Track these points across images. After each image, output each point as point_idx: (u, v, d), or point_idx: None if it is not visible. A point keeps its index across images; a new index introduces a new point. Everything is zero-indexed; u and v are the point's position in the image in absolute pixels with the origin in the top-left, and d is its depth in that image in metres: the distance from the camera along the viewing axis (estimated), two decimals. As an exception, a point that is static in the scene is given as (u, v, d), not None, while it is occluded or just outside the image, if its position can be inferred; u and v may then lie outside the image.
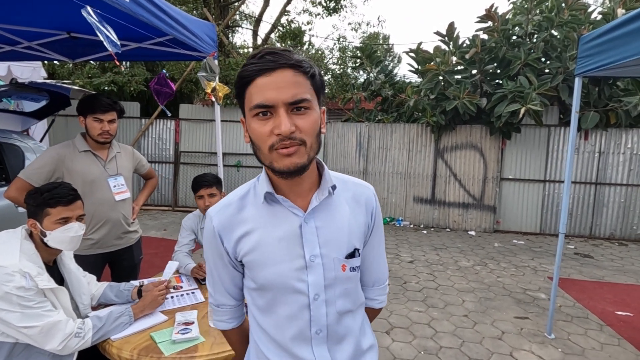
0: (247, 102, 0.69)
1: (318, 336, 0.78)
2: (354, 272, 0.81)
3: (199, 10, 10.90)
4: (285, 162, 0.67)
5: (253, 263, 0.77)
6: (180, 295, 1.80)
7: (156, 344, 1.37)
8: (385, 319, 3.06)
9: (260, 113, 0.67)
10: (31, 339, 1.23)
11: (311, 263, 0.76)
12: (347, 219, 0.81)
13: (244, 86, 0.69)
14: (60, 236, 1.36)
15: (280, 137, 0.65)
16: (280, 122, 0.65)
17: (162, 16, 1.92)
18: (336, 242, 0.78)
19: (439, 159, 6.52)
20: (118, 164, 2.11)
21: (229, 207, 0.80)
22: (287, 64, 0.66)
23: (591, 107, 5.55)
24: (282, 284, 0.76)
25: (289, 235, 0.76)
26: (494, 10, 5.84)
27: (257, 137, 0.69)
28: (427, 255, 4.91)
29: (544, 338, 2.82)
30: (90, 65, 7.79)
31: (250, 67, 0.67)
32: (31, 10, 2.18)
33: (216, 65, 2.61)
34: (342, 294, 0.80)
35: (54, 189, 1.37)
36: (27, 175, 1.85)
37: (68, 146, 1.98)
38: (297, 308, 0.77)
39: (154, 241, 5.18)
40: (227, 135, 7.17)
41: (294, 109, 0.67)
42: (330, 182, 0.78)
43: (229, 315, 0.89)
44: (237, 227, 0.78)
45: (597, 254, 5.15)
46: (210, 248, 0.82)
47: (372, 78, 7.45)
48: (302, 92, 0.67)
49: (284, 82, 0.65)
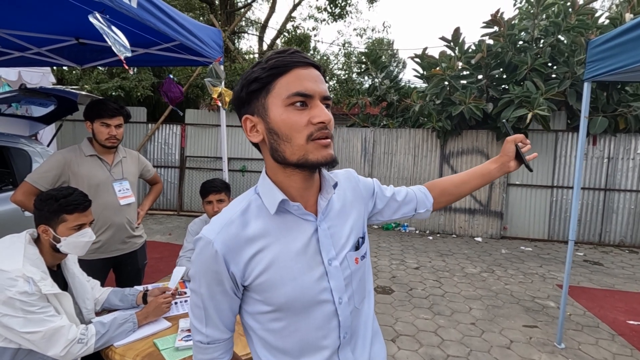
0: (275, 92, 0.66)
1: (345, 340, 0.76)
2: (364, 260, 0.82)
3: (205, 16, 11.02)
4: (323, 153, 0.66)
5: (267, 284, 0.70)
6: (185, 301, 1.78)
7: (159, 350, 1.35)
8: (391, 327, 3.02)
9: (298, 102, 0.65)
10: (34, 345, 1.22)
11: (330, 267, 0.74)
12: (349, 210, 0.82)
13: (275, 76, 0.66)
14: (75, 241, 1.38)
15: (321, 125, 0.65)
16: (321, 110, 0.66)
17: (169, 22, 1.94)
18: (345, 238, 0.78)
19: (445, 164, 6.48)
20: (124, 169, 2.12)
21: (231, 225, 0.70)
22: (314, 64, 0.69)
23: (600, 112, 5.49)
24: (304, 299, 0.70)
25: (303, 245, 0.72)
26: (499, 16, 5.82)
27: (289, 127, 0.65)
28: (433, 261, 4.86)
29: (553, 348, 2.76)
30: (98, 71, 7.90)
31: (285, 59, 0.66)
32: (40, 16, 2.22)
33: (222, 70, 2.62)
34: (358, 285, 0.79)
35: (69, 195, 1.38)
36: (34, 179, 1.87)
37: (74, 150, 2.00)
38: (323, 318, 0.73)
39: (158, 246, 5.18)
40: (232, 140, 7.20)
41: (324, 105, 0.68)
42: (332, 180, 0.76)
43: (222, 350, 0.78)
44: (246, 247, 0.70)
45: (607, 262, 5.05)
46: (207, 277, 0.70)
47: (377, 83, 7.45)
48: (327, 91, 0.70)
49: (318, 77, 0.68)
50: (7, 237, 1.35)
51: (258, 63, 0.68)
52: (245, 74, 0.69)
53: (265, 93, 0.67)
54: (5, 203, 2.64)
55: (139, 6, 1.66)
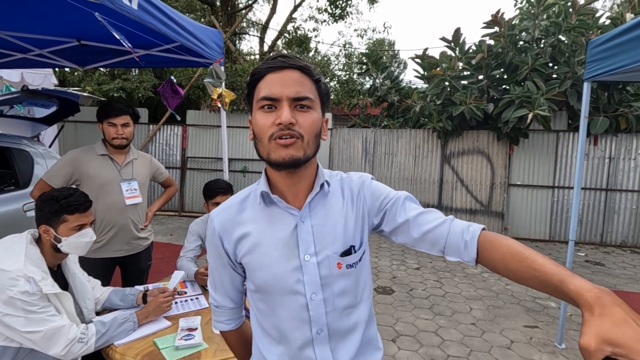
0: (254, 97, 0.74)
1: (319, 336, 0.77)
2: (351, 269, 0.79)
3: (206, 17, 11.05)
4: (281, 153, 0.70)
5: (251, 265, 0.79)
6: (184, 301, 1.79)
7: (159, 350, 1.36)
8: (391, 327, 3.02)
9: (265, 106, 0.71)
10: (34, 344, 1.23)
11: (305, 262, 0.76)
12: (343, 216, 0.80)
13: (254, 82, 0.74)
14: (76, 242, 1.39)
15: (280, 126, 0.68)
16: (282, 112, 0.69)
17: (170, 23, 1.95)
18: (331, 241, 0.78)
19: (446, 164, 6.47)
20: (134, 170, 2.15)
21: (230, 209, 0.82)
22: (295, 65, 0.72)
23: (601, 112, 5.48)
24: (279, 285, 0.77)
25: (285, 236, 0.77)
26: (500, 16, 5.82)
27: (259, 129, 0.72)
28: (433, 262, 4.86)
29: (554, 348, 2.76)
30: (99, 72, 7.93)
31: (262, 66, 0.73)
32: (42, 18, 2.23)
33: (223, 71, 2.63)
34: (340, 291, 0.78)
35: (70, 196, 1.40)
36: (48, 177, 1.97)
37: (87, 150, 2.07)
38: (295, 309, 0.77)
39: (160, 246, 5.20)
40: (233, 141, 7.21)
41: (297, 106, 0.71)
42: (323, 178, 0.79)
43: (227, 316, 0.90)
44: (236, 229, 0.80)
45: (609, 262, 5.04)
46: (212, 249, 0.84)
47: (378, 84, 7.46)
48: (305, 90, 0.71)
49: (291, 79, 0.71)
50: (8, 237, 1.36)
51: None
52: None
53: (251, 98, 0.76)
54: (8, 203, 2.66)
55: (139, 8, 1.67)
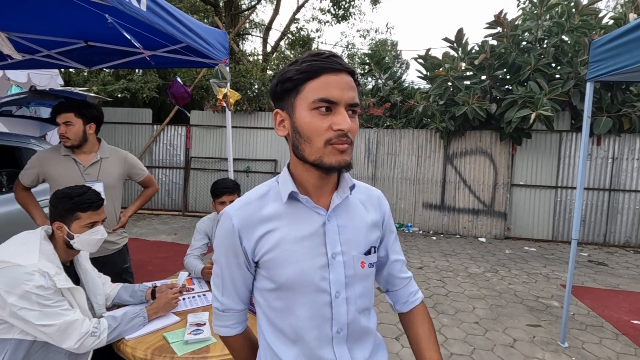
0: (303, 95, 0.71)
1: (339, 335, 0.78)
2: (371, 269, 0.84)
3: (210, 18, 11.10)
4: (337, 158, 0.71)
5: (275, 261, 0.76)
6: (192, 297, 1.82)
7: (169, 344, 1.39)
8: (394, 325, 3.04)
9: (322, 107, 0.69)
10: (49, 337, 1.26)
11: (333, 261, 0.77)
12: (364, 219, 0.84)
13: (305, 79, 0.70)
14: (88, 239, 1.43)
15: (341, 132, 0.69)
16: (343, 118, 0.69)
17: (177, 24, 1.98)
18: (356, 240, 0.81)
19: (449, 164, 6.49)
20: (101, 170, 2.04)
21: (249, 205, 0.79)
22: (349, 70, 0.71)
23: (604, 112, 5.48)
24: (304, 282, 0.76)
25: (312, 234, 0.77)
26: (503, 16, 5.83)
27: (311, 130, 0.70)
28: (436, 261, 4.87)
29: (557, 346, 2.77)
30: (104, 73, 7.99)
31: (318, 63, 0.69)
32: (51, 20, 2.27)
33: (228, 72, 2.66)
34: (361, 292, 0.81)
35: (83, 194, 1.43)
36: (21, 175, 2.01)
37: (53, 150, 2.03)
38: (318, 307, 0.77)
39: (164, 245, 5.24)
40: (237, 141, 7.26)
41: (350, 111, 0.71)
42: (350, 181, 0.81)
43: (234, 320, 0.85)
44: (258, 226, 0.77)
45: (612, 262, 5.04)
46: (225, 248, 0.79)
47: (380, 84, 7.48)
48: (356, 97, 0.72)
49: (347, 84, 0.70)
50: (22, 233, 1.39)
51: (294, 62, 0.72)
52: (282, 71, 0.74)
53: (295, 94, 0.72)
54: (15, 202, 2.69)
55: (147, 9, 1.70)
